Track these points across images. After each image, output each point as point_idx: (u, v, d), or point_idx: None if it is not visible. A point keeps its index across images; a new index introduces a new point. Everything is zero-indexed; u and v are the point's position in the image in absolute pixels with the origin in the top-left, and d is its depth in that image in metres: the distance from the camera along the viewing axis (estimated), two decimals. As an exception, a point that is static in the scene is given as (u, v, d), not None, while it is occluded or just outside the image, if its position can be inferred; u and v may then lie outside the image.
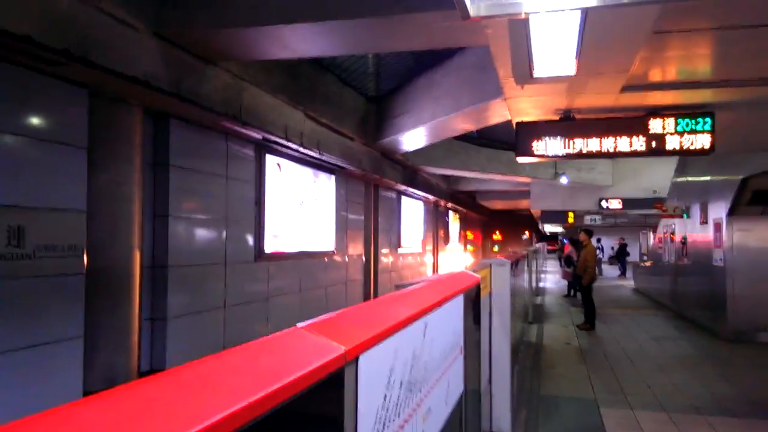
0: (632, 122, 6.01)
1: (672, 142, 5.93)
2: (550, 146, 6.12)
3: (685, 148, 5.90)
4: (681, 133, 5.91)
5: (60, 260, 5.11)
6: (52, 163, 5.09)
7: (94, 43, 4.88)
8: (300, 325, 0.96)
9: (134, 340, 6.05)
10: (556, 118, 6.14)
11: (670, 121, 5.91)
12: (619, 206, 18.91)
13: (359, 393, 0.98)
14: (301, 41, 5.92)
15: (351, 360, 0.94)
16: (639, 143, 5.99)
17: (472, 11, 2.22)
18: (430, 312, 1.55)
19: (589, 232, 11.29)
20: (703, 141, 5.84)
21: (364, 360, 1.00)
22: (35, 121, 4.96)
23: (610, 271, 28.03)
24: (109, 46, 5.07)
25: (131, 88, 5.44)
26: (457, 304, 2.04)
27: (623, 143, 6.04)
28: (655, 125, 5.96)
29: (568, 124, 6.08)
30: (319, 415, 0.91)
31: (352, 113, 10.64)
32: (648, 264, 17.36)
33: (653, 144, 5.97)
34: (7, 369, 4.69)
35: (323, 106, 9.45)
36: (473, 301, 2.87)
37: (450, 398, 1.87)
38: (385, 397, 1.14)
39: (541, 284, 19.66)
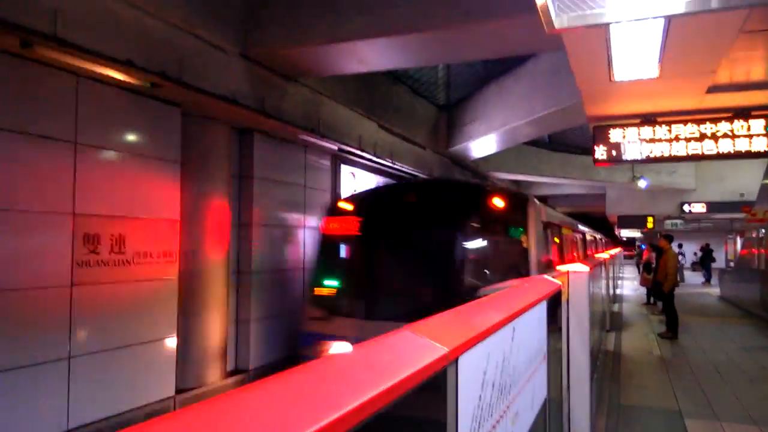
0: (718, 124, 5.74)
1: (760, 144, 5.61)
2: (629, 150, 5.96)
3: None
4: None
5: (155, 266, 5.56)
6: (149, 176, 5.56)
7: (188, 66, 5.32)
8: (407, 327, 1.08)
9: (223, 341, 6.47)
10: (637, 121, 5.97)
11: (760, 122, 5.59)
12: (703, 210, 17.89)
13: (459, 392, 1.09)
14: (375, 55, 6.13)
15: (452, 360, 1.05)
16: (725, 145, 5.71)
17: (557, 23, 2.28)
18: (518, 317, 1.63)
19: (670, 238, 10.78)
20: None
21: (463, 361, 1.11)
22: (134, 137, 5.44)
23: (693, 278, 26.30)
24: (201, 67, 5.50)
25: (220, 105, 5.86)
26: (541, 311, 2.10)
27: (708, 146, 5.78)
28: (743, 126, 5.66)
29: (648, 127, 5.89)
30: (426, 411, 1.02)
31: (423, 122, 10.79)
32: (735, 270, 16.26)
33: (741, 146, 5.67)
34: (111, 364, 5.15)
35: (395, 116, 9.67)
36: (554, 310, 2.90)
37: (535, 404, 1.93)
38: (480, 397, 1.24)
39: (618, 291, 18.83)
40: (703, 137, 5.75)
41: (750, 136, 5.65)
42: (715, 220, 21.38)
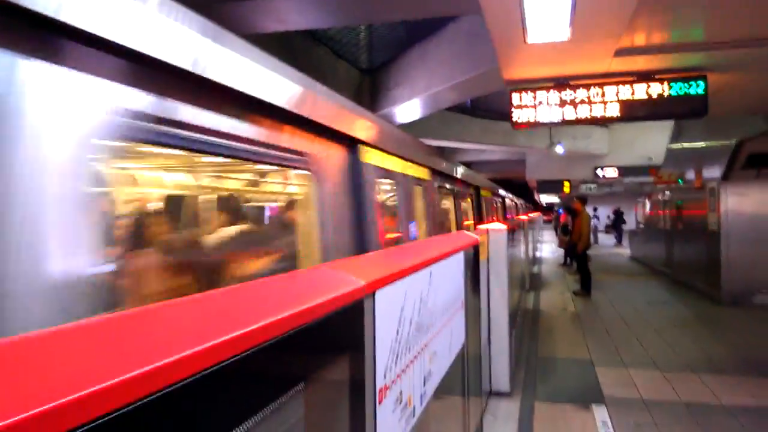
0: (626, 87, 6.06)
1: (665, 106, 6.00)
2: (544, 113, 6.19)
3: (677, 111, 5.98)
4: (674, 97, 5.96)
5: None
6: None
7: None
8: (325, 264, 1.07)
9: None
10: (551, 85, 6.18)
11: (663, 85, 5.97)
12: (615, 174, 18.99)
13: (376, 323, 1.09)
14: (294, 13, 5.91)
15: (369, 293, 1.05)
16: (633, 108, 6.05)
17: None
18: (435, 263, 1.65)
19: (583, 199, 11.38)
20: (696, 104, 5.91)
21: (380, 295, 1.11)
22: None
23: (606, 240, 28.29)
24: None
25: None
26: (458, 261, 2.15)
27: (616, 108, 6.10)
28: (648, 89, 6.02)
29: (562, 91, 6.13)
30: (345, 339, 1.02)
31: (345, 86, 10.62)
32: (643, 231, 17.59)
33: (646, 108, 6.03)
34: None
35: (317, 80, 9.43)
36: (472, 263, 2.98)
37: (453, 347, 1.99)
38: (398, 331, 1.25)
39: (538, 254, 19.88)
40: (611, 100, 6.07)
41: (655, 99, 6.00)
42: (626, 185, 22.84)
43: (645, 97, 6.01)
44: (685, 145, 12.07)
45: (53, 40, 1.09)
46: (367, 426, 1.05)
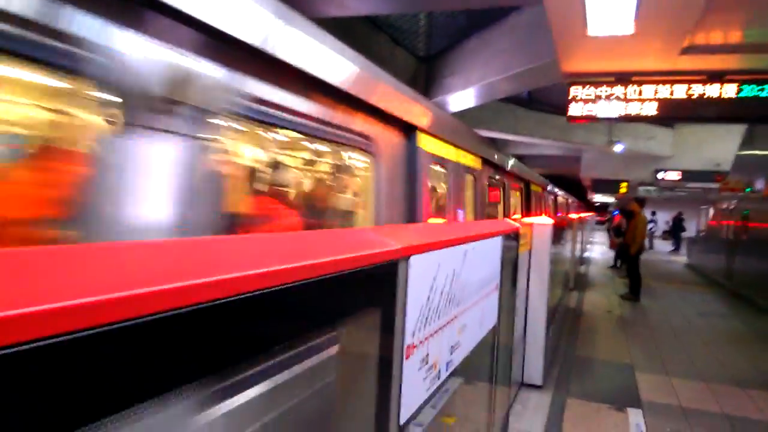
0: (695, 86, 5.83)
1: (736, 108, 5.73)
2: (604, 108, 6.04)
3: (750, 115, 5.71)
4: (745, 99, 5.69)
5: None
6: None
7: None
8: (369, 227, 1.19)
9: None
10: (611, 79, 6.03)
11: (733, 86, 5.70)
12: (678, 178, 18.22)
13: (409, 285, 1.19)
14: (355, -2, 6.02)
15: (405, 256, 1.15)
16: (701, 108, 5.81)
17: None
18: (471, 242, 1.73)
19: (641, 201, 10.98)
20: None
21: (414, 260, 1.21)
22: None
23: (663, 246, 27.14)
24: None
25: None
26: (496, 244, 2.21)
27: (684, 108, 5.87)
28: (720, 89, 5.76)
29: (623, 86, 5.97)
30: (380, 294, 1.13)
31: (402, 73, 10.68)
32: (703, 239, 16.82)
33: (716, 110, 5.78)
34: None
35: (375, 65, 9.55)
36: (511, 251, 3.02)
37: (484, 324, 2.06)
38: (428, 298, 1.35)
39: (586, 255, 19.38)
40: (675, 99, 5.85)
41: (722, 101, 5.75)
42: (689, 189, 21.82)
43: (716, 96, 5.76)
44: (757, 152, 11.43)
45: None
46: (394, 376, 1.15)
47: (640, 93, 5.90)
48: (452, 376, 1.65)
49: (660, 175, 18.39)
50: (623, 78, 5.91)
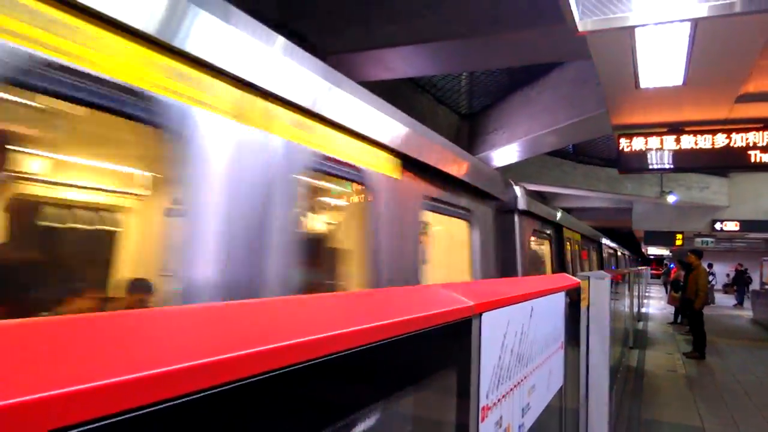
0: (751, 134, 5.66)
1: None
2: (655, 159, 5.92)
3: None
4: (807, 147, 5.47)
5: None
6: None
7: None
8: (438, 284, 1.18)
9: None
10: (663, 130, 5.94)
11: (793, 134, 5.51)
12: (736, 228, 17.42)
13: (482, 343, 1.17)
14: (401, 62, 6.26)
15: (478, 313, 1.13)
16: (755, 157, 5.62)
17: (581, 26, 2.36)
18: (537, 298, 1.69)
19: (699, 253, 10.52)
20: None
21: (486, 317, 1.19)
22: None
23: (724, 300, 25.57)
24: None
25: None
26: (559, 300, 2.15)
27: (741, 157, 5.69)
28: (775, 138, 5.57)
29: (674, 137, 5.86)
30: (455, 353, 1.11)
31: (445, 130, 10.88)
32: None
33: (773, 158, 5.58)
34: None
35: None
36: (573, 307, 2.93)
37: (551, 386, 1.98)
38: (500, 357, 1.31)
39: (643, 310, 18.47)
40: (731, 148, 5.68)
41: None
42: (749, 240, 20.73)
43: (772, 145, 5.57)
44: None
45: None
46: (471, 439, 1.11)
47: (695, 143, 5.75)
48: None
49: (718, 226, 17.61)
50: (675, 128, 5.81)
